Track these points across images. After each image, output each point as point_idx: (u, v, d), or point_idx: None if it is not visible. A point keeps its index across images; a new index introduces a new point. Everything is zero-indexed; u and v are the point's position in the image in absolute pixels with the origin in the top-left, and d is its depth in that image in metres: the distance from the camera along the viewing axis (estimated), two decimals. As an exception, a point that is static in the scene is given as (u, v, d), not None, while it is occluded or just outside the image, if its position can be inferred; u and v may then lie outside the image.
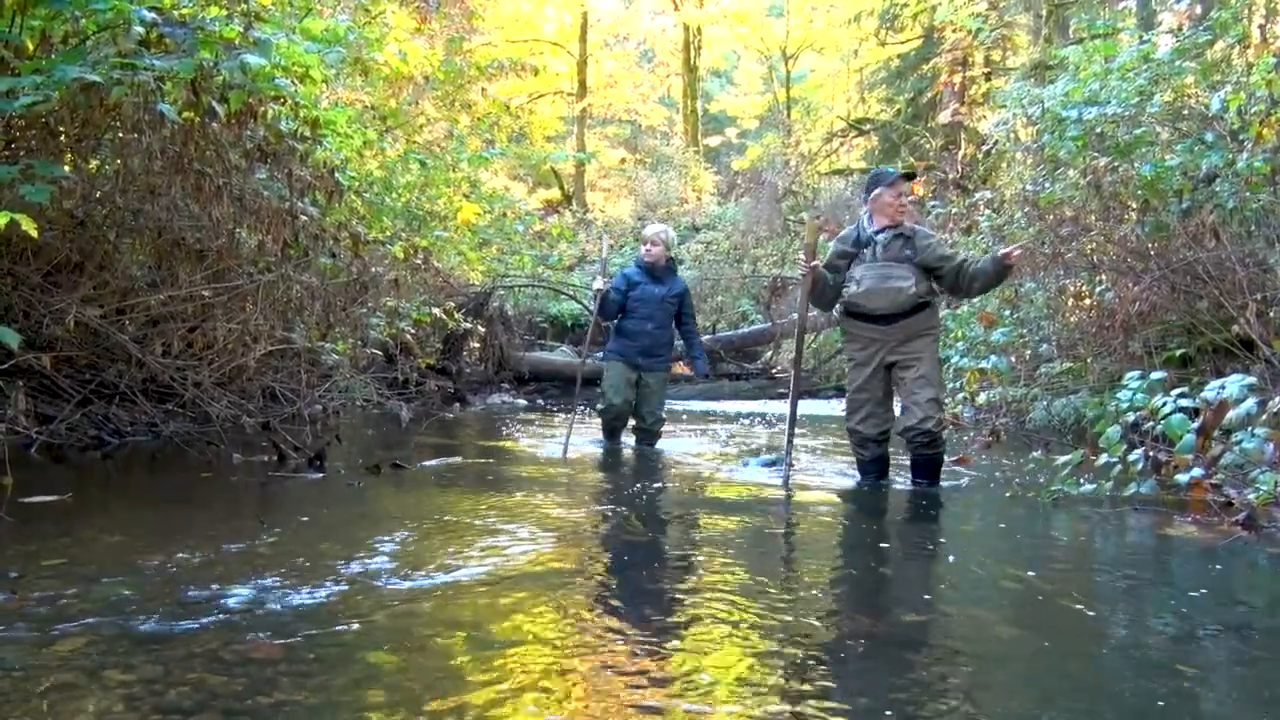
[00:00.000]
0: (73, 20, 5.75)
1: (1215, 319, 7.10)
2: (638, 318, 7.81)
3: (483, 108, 15.62)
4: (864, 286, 5.90)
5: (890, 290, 5.83)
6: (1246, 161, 6.67)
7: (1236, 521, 4.35)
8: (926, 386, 5.78)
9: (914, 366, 5.83)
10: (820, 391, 14.65)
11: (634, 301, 7.82)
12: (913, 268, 5.86)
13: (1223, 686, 2.53)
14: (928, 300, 5.93)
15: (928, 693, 2.38)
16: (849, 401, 6.16)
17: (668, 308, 7.87)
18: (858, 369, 6.06)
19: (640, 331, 7.80)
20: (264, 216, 6.77)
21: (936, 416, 5.77)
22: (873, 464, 6.10)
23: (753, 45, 35.31)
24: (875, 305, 5.89)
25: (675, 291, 7.94)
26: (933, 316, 6.00)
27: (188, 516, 4.46)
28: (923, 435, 5.77)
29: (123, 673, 2.36)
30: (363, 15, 10.71)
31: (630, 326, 7.83)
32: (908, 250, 5.90)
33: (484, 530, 4.27)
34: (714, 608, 3.13)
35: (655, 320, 7.82)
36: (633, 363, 7.78)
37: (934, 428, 5.76)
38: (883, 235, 5.96)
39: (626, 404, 7.80)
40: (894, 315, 5.88)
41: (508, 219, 13.98)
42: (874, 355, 5.96)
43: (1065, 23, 17.60)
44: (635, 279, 7.91)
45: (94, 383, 6.54)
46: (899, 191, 6.00)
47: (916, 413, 5.76)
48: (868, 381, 5.99)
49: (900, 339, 5.90)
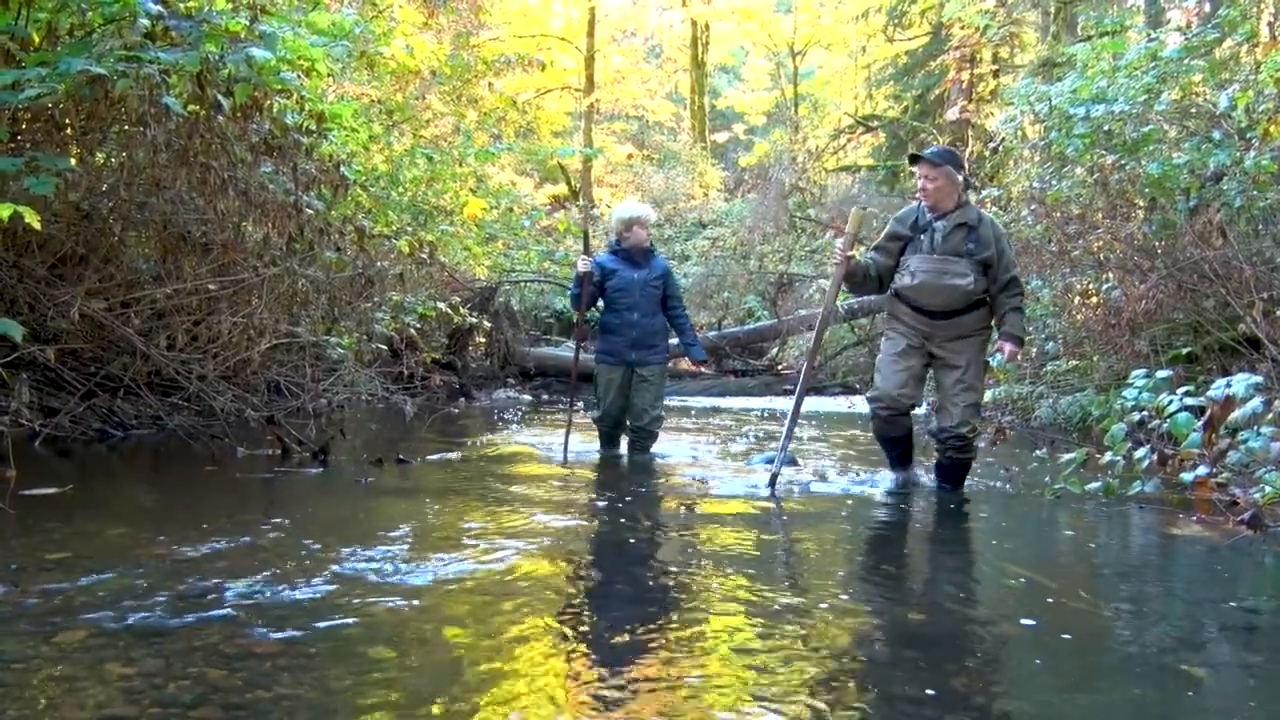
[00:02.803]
0: (79, 13, 5.76)
1: (1222, 317, 7.07)
2: (621, 309, 6.92)
3: (490, 102, 15.62)
4: (918, 280, 5.43)
5: (946, 288, 5.37)
6: (1254, 159, 6.64)
7: (1242, 520, 4.33)
8: (967, 391, 5.41)
9: (956, 368, 5.43)
10: (826, 389, 14.62)
11: (614, 292, 6.93)
12: (972, 264, 5.35)
13: (1228, 686, 2.52)
14: (983, 298, 5.47)
15: (932, 692, 2.38)
16: (882, 366, 5.66)
17: (652, 293, 6.96)
18: (898, 340, 5.59)
19: (626, 324, 6.90)
20: (269, 210, 6.78)
21: (973, 422, 5.43)
22: (898, 442, 5.74)
23: (760, 41, 35.27)
24: (928, 302, 5.44)
25: (657, 274, 7.03)
26: (986, 316, 5.52)
27: (191, 510, 4.47)
28: (956, 439, 5.43)
29: (123, 666, 2.36)
30: (369, 9, 10.72)
31: (614, 321, 6.96)
32: (970, 243, 5.37)
33: (485, 527, 4.26)
34: (715, 603, 3.12)
35: (641, 309, 6.91)
36: (624, 360, 6.93)
37: (969, 433, 5.41)
38: (942, 223, 5.43)
39: (622, 410, 7.06)
40: (948, 312, 5.44)
41: (514, 214, 13.98)
42: (919, 341, 5.52)
43: (1073, 20, 17.54)
44: (610, 266, 6.97)
45: (98, 375, 6.55)
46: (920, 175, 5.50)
47: (954, 414, 5.40)
48: (910, 352, 5.52)
49: (948, 336, 5.46)
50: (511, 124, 16.67)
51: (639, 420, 7.02)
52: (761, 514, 4.95)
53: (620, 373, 6.95)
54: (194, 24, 5.49)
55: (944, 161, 5.46)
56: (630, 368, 6.95)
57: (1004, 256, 5.44)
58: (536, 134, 25.35)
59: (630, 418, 7.07)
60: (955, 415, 5.40)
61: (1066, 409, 8.39)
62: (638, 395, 6.98)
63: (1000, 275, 5.41)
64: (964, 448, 5.47)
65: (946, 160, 5.49)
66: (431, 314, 10.66)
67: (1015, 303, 5.46)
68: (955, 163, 5.52)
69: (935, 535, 4.70)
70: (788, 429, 5.79)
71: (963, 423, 5.39)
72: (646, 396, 6.98)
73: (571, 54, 31.59)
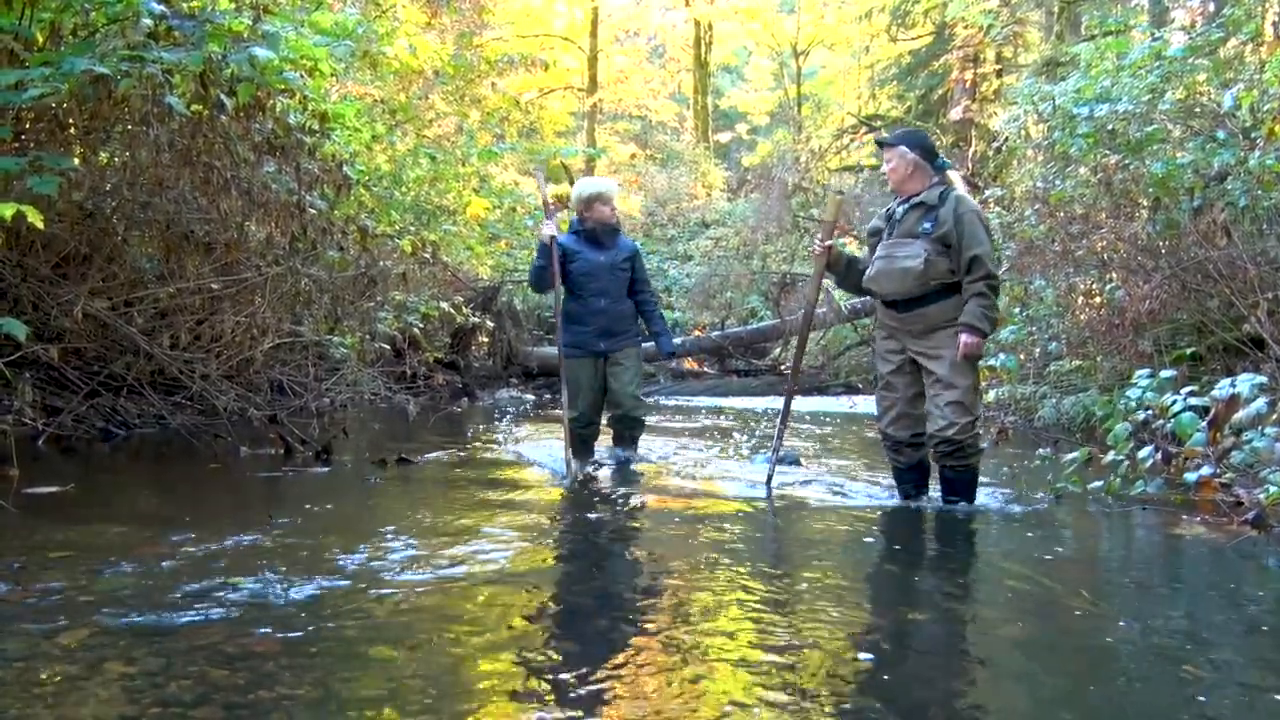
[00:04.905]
0: (82, 13, 5.76)
1: (1226, 318, 7.06)
2: (586, 295, 6.28)
3: (493, 102, 15.62)
4: (875, 268, 5.05)
5: (894, 272, 4.93)
6: (1259, 159, 6.62)
7: (1245, 521, 4.31)
8: (947, 389, 4.86)
9: (934, 366, 4.92)
10: (829, 388, 14.62)
11: (578, 276, 6.29)
12: (928, 243, 4.85)
13: (1232, 687, 2.51)
14: (953, 283, 4.90)
15: (936, 694, 2.37)
16: (877, 400, 5.33)
17: (619, 276, 6.36)
18: (883, 362, 5.22)
19: (593, 311, 6.26)
20: (272, 210, 6.79)
21: (960, 422, 4.83)
22: (909, 472, 5.26)
23: (764, 41, 35.26)
24: (882, 289, 5.03)
25: (625, 255, 6.42)
26: (961, 305, 4.89)
27: (193, 509, 4.46)
28: (944, 444, 4.89)
29: (124, 665, 2.36)
30: (373, 9, 10.72)
31: (579, 309, 6.30)
32: (926, 223, 4.90)
33: (487, 527, 4.26)
34: (714, 605, 3.12)
35: (609, 294, 6.30)
36: (593, 350, 6.27)
37: (957, 435, 4.84)
38: (902, 206, 5.05)
39: (597, 407, 6.41)
40: (908, 301, 4.97)
41: (517, 214, 13.97)
42: (898, 346, 5.09)
43: (1077, 19, 17.49)
44: (572, 248, 6.31)
45: (101, 374, 6.56)
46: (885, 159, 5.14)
47: (936, 419, 4.90)
48: (894, 376, 5.12)
49: (919, 330, 4.97)
50: (514, 124, 16.65)
51: (621, 407, 6.38)
52: (760, 514, 4.95)
53: (590, 366, 6.30)
54: (197, 24, 5.50)
55: (899, 142, 5.06)
56: (600, 357, 6.30)
57: (965, 232, 4.83)
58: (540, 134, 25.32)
59: (611, 407, 6.42)
60: (939, 419, 4.89)
61: (1070, 409, 8.37)
62: (615, 380, 6.30)
63: (964, 255, 4.82)
64: (955, 453, 4.92)
65: (900, 140, 5.09)
66: (434, 313, 10.67)
67: (978, 287, 4.81)
68: (914, 142, 5.07)
69: (935, 535, 4.69)
70: (779, 430, 5.70)
71: (948, 424, 4.84)
72: (624, 378, 6.31)
73: (575, 54, 31.58)
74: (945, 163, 5.07)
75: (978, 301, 4.81)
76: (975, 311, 4.80)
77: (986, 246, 4.90)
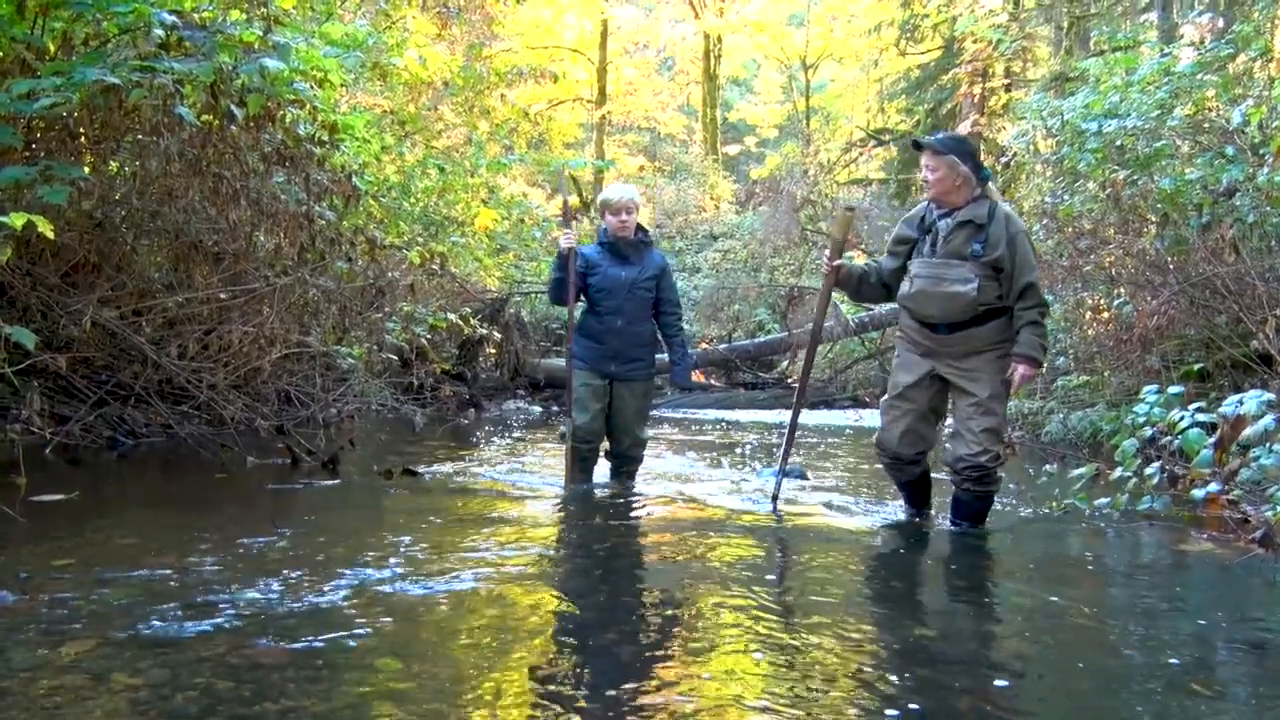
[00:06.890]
0: (94, 23, 5.79)
1: (1234, 334, 7.04)
2: (603, 312, 5.84)
3: (502, 114, 15.65)
4: (915, 287, 4.76)
5: (942, 296, 4.66)
6: (1267, 176, 6.62)
7: (1253, 539, 4.30)
8: (985, 415, 4.68)
9: (972, 389, 4.71)
10: (836, 402, 14.61)
11: (595, 292, 5.86)
12: (979, 267, 4.60)
13: (1238, 705, 2.50)
14: (999, 307, 4.70)
15: (941, 710, 2.36)
16: (884, 406, 5.06)
17: (641, 295, 5.86)
18: (903, 371, 4.94)
19: (607, 330, 5.82)
20: (281, 220, 6.80)
21: (994, 450, 4.69)
22: (912, 485, 5.16)
23: (773, 54, 35.33)
24: (924, 311, 4.77)
25: (649, 273, 5.89)
26: (1006, 327, 4.71)
27: (200, 519, 4.47)
28: (974, 469, 4.71)
29: (130, 676, 2.36)
30: (383, 20, 10.77)
31: (594, 325, 5.88)
32: (975, 244, 4.63)
33: (493, 539, 4.26)
34: (717, 620, 3.12)
35: (625, 314, 5.82)
36: (602, 370, 5.84)
37: (989, 462, 4.68)
38: (945, 222, 4.73)
39: (598, 428, 5.91)
40: (952, 325, 4.74)
41: (525, 225, 13.99)
42: (924, 362, 4.85)
43: (1086, 35, 17.52)
44: (594, 260, 5.88)
45: (109, 384, 6.57)
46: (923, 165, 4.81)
47: (970, 443, 4.69)
48: (913, 389, 4.87)
49: (958, 352, 4.75)
50: (523, 135, 16.67)
51: (618, 444, 6.03)
52: (764, 529, 4.92)
53: (598, 380, 5.86)
54: (208, 34, 5.52)
55: (948, 150, 4.71)
56: (608, 379, 5.88)
57: (1018, 258, 4.61)
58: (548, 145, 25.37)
59: (611, 441, 6.04)
60: (972, 443, 4.69)
61: (1077, 424, 8.36)
62: (618, 414, 5.92)
63: (1016, 282, 4.62)
64: (983, 479, 4.75)
65: (952, 149, 4.74)
66: (442, 325, 10.68)
67: (1031, 315, 4.64)
68: (963, 151, 4.76)
69: (941, 551, 4.68)
70: (785, 447, 5.56)
71: (982, 450, 4.67)
72: (627, 415, 5.93)
73: (584, 66, 31.66)
74: (988, 173, 4.83)
75: (1032, 330, 4.64)
76: (1032, 341, 4.64)
77: (1038, 271, 4.75)
